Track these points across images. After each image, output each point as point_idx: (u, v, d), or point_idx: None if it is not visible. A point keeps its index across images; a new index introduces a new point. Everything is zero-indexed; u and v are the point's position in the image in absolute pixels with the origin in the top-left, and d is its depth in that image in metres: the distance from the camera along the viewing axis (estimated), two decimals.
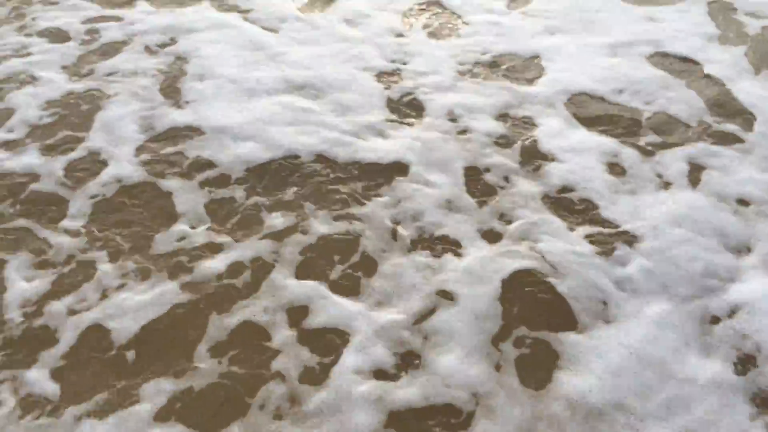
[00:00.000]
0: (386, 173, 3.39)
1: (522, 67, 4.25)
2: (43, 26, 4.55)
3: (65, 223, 3.09)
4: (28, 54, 4.28)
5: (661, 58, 4.33)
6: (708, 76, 4.14)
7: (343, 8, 4.85)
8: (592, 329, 2.62)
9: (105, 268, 2.88)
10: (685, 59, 4.32)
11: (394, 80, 4.10)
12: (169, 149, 3.52)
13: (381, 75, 4.15)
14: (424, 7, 4.93)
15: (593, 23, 4.70)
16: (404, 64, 4.26)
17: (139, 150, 3.52)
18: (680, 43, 4.45)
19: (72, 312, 2.69)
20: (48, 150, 3.52)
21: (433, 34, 4.60)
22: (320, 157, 3.49)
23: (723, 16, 4.80)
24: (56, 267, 2.90)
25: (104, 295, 2.76)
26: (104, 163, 3.41)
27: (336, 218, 3.13)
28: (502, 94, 3.96)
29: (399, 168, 3.42)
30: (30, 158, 3.47)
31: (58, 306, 2.72)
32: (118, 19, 4.65)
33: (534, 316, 2.67)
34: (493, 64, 4.28)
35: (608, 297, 2.74)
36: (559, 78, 4.11)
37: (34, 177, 3.36)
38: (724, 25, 4.69)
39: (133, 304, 2.72)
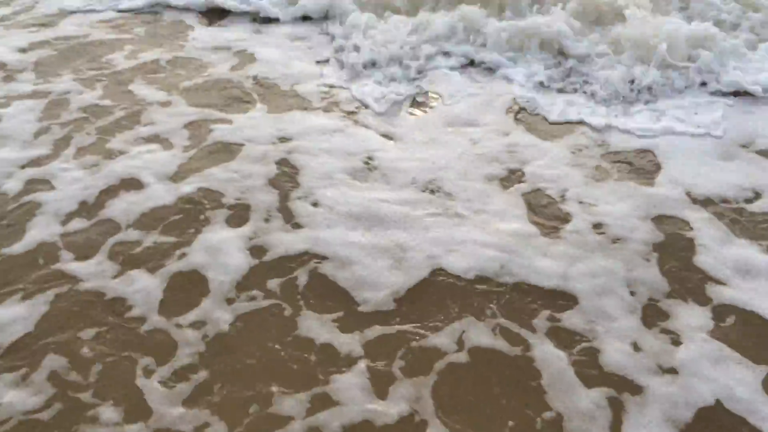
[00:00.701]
0: (550, 298, 2.74)
1: (642, 165, 3.57)
2: (153, 131, 4.02)
3: (161, 373, 2.35)
4: (134, 159, 3.74)
5: None
6: None
7: (444, 111, 4.18)
8: None
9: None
10: None
11: (523, 186, 3.43)
12: (287, 277, 2.86)
13: (506, 181, 3.48)
14: (523, 104, 4.23)
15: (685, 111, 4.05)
16: (525, 164, 3.60)
17: (249, 277, 2.86)
18: None
19: None
20: (146, 271, 2.92)
21: (535, 130, 3.93)
22: (477, 279, 2.83)
23: None
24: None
25: None
26: (206, 291, 2.74)
27: (502, 355, 2.49)
28: (638, 197, 3.30)
29: (562, 293, 2.76)
30: (124, 281, 2.87)
31: None
32: (227, 122, 4.11)
33: None
34: (613, 162, 3.60)
35: None
36: (685, 180, 3.42)
37: (125, 303, 2.75)
38: None
39: None
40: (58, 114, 4.20)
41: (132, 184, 3.49)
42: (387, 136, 3.88)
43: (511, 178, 3.48)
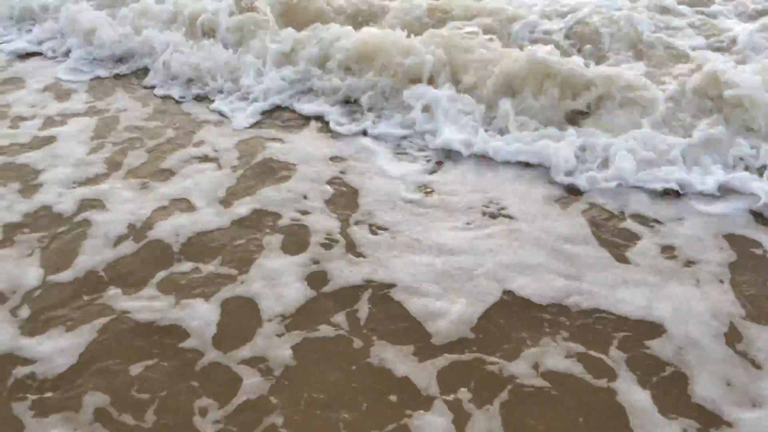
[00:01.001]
0: (627, 323, 2.45)
1: None
2: (205, 151, 3.75)
3: (221, 414, 2.07)
4: (186, 179, 3.48)
5: None
6: None
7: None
8: None
9: None
10: None
11: (583, 205, 3.11)
12: (352, 307, 2.57)
13: (565, 200, 3.17)
14: None
15: None
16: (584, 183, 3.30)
17: (310, 307, 2.58)
18: None
19: None
20: (198, 299, 2.64)
21: None
22: (549, 305, 2.54)
23: None
24: None
25: None
26: (265, 322, 2.48)
27: (583, 385, 2.22)
28: (698, 220, 2.97)
29: (643, 319, 2.46)
30: (175, 310, 2.59)
31: None
32: (279, 140, 3.84)
33: None
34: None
35: None
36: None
37: (177, 334, 2.47)
38: None
39: None
40: (111, 132, 4.00)
41: (184, 205, 3.26)
42: (443, 154, 3.57)
43: (570, 197, 3.19)
